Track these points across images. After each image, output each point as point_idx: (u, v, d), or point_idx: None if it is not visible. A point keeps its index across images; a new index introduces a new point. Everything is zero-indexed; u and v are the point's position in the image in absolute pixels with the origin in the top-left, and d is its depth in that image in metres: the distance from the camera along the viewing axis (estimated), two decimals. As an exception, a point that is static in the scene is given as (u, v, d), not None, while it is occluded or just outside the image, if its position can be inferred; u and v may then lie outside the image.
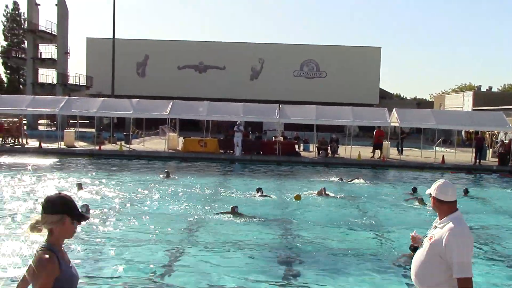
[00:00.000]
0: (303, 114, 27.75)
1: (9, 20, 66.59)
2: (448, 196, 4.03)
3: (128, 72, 52.13)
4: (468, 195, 16.17)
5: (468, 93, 53.26)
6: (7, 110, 29.19)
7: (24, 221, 10.62)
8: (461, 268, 3.80)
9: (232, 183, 17.77)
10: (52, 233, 3.18)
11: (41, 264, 3.05)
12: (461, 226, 3.94)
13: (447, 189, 4.05)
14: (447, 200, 4.03)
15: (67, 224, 3.17)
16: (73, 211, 3.20)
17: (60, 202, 3.19)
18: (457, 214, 4.02)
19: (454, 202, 4.05)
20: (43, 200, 3.19)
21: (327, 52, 54.46)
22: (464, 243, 3.89)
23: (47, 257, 3.07)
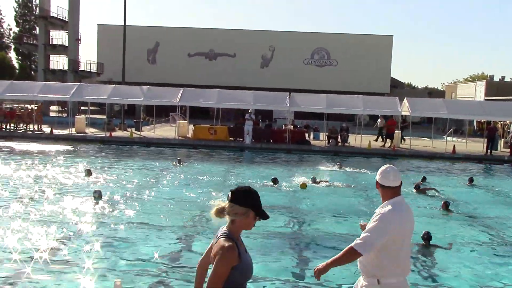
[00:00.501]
0: (314, 103, 27.65)
1: (21, 6, 66.84)
2: (390, 181, 4.06)
3: (139, 59, 52.18)
4: (476, 185, 16.14)
5: (480, 82, 52.68)
6: (19, 96, 29.38)
7: (36, 206, 10.76)
8: (360, 241, 3.88)
9: (241, 171, 17.81)
10: (233, 222, 3.30)
11: (223, 251, 3.16)
12: (393, 211, 3.95)
13: (389, 175, 4.07)
14: (389, 185, 4.06)
15: (250, 218, 3.29)
16: (259, 208, 3.31)
17: (250, 196, 3.30)
18: (397, 199, 4.03)
19: (396, 187, 4.07)
20: (233, 190, 3.32)
21: (338, 41, 54.05)
22: (379, 225, 3.91)
23: (229, 245, 3.19)
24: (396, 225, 3.93)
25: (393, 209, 3.96)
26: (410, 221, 4.10)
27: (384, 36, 54.83)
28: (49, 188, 12.87)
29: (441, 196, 13.86)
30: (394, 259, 3.99)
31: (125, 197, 12.22)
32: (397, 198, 4.05)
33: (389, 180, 4.07)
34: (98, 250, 8.11)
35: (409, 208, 4.14)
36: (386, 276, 3.99)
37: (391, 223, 3.92)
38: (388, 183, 4.07)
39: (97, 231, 9.22)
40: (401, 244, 4.00)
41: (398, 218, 3.96)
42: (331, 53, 54.16)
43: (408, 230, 4.08)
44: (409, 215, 4.09)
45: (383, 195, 4.12)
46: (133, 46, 45.99)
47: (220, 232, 3.33)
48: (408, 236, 4.09)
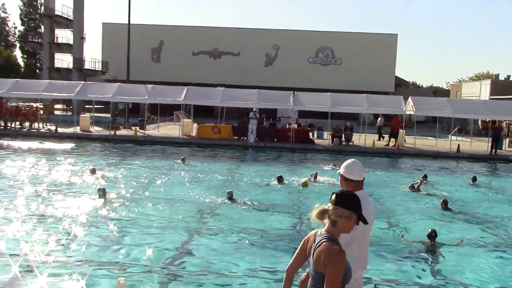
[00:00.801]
0: (318, 102, 27.63)
1: (26, 5, 67.05)
2: (354, 175, 4.10)
3: (143, 58, 52.32)
4: (479, 184, 16.13)
5: (485, 81, 52.51)
6: (24, 95, 29.50)
7: (40, 204, 10.81)
8: None
9: (245, 170, 17.83)
10: (335, 225, 3.33)
11: (335, 255, 3.19)
12: (363, 204, 3.84)
13: (354, 168, 4.11)
14: (353, 179, 4.10)
15: (352, 221, 3.34)
16: (360, 212, 3.35)
17: (355, 200, 3.36)
18: (361, 192, 4.04)
19: (360, 181, 4.12)
20: (338, 193, 3.36)
21: (343, 39, 53.98)
22: None
23: (339, 248, 3.23)
24: (368, 218, 3.93)
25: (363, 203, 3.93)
26: (373, 216, 4.14)
27: (389, 34, 54.71)
28: (53, 186, 12.94)
29: (440, 195, 13.88)
30: (362, 251, 4.04)
31: (129, 195, 12.27)
32: (361, 191, 4.07)
33: (353, 174, 4.11)
34: (102, 248, 8.15)
35: (371, 203, 4.17)
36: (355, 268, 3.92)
37: (365, 215, 3.92)
38: (353, 176, 4.10)
39: (101, 229, 9.26)
40: (365, 237, 4.04)
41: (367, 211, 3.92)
42: (336, 51, 54.10)
43: (370, 224, 4.09)
44: (372, 209, 4.12)
45: (346, 189, 4.11)
46: (137, 45, 46.14)
47: (319, 236, 3.36)
48: (369, 230, 4.10)
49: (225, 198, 12.02)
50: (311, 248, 3.39)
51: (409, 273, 7.75)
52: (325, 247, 3.22)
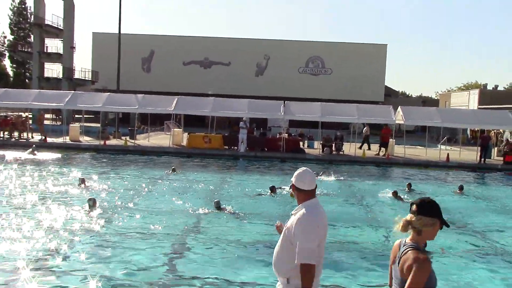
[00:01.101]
0: (308, 111, 27.71)
1: (15, 14, 66.82)
2: (305, 184, 4.09)
3: (134, 67, 52.25)
4: (465, 193, 16.26)
5: (474, 91, 53.01)
6: (13, 104, 29.29)
7: (29, 215, 10.70)
8: (303, 254, 3.84)
9: (237, 180, 17.80)
10: (419, 234, 3.38)
11: (419, 263, 3.24)
12: (312, 213, 3.99)
13: (305, 177, 4.11)
14: (303, 188, 4.09)
15: (437, 227, 3.38)
16: (442, 217, 3.40)
17: (436, 206, 3.40)
18: (312, 201, 4.07)
19: (311, 190, 4.11)
20: (417, 202, 3.42)
21: (333, 49, 54.33)
22: (309, 230, 3.92)
23: (424, 257, 3.28)
24: (322, 228, 4.02)
25: (312, 212, 4.01)
26: (326, 224, 4.15)
27: (378, 45, 55.17)
28: (42, 196, 12.82)
29: None
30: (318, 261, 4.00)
31: (119, 205, 12.19)
32: (312, 200, 4.09)
33: (304, 183, 4.10)
34: (92, 259, 8.08)
35: (324, 211, 4.18)
36: (296, 277, 3.97)
37: (318, 225, 3.98)
38: (303, 186, 4.10)
39: (91, 239, 9.18)
40: (322, 245, 4.04)
41: (317, 220, 4.01)
42: (326, 61, 54.41)
43: (326, 234, 4.12)
44: (325, 217, 4.14)
45: (298, 198, 4.16)
46: (128, 55, 46.09)
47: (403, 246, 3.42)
48: (325, 239, 4.11)
49: (214, 208, 11.98)
50: (395, 257, 3.48)
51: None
52: (410, 255, 3.30)
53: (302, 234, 3.91)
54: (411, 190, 15.98)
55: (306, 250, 3.86)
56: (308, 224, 3.94)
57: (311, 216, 3.97)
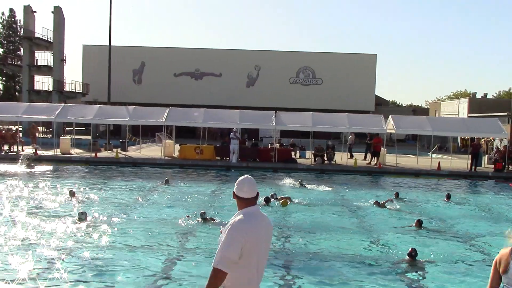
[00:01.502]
0: (299, 121, 27.78)
1: (5, 28, 66.57)
2: (243, 192, 4.10)
3: (124, 79, 52.16)
4: (459, 201, 16.36)
5: (463, 100, 53.51)
6: (3, 117, 29.08)
7: (18, 228, 10.59)
8: (217, 258, 3.83)
9: (228, 190, 17.74)
10: None
11: None
12: (243, 221, 3.96)
13: (243, 186, 4.12)
14: (242, 196, 4.10)
15: None
16: None
17: None
18: (250, 209, 4.07)
19: (250, 198, 4.10)
20: None
21: (323, 59, 54.63)
22: (233, 237, 3.88)
23: None
24: (246, 236, 3.90)
25: (243, 219, 3.98)
26: (265, 232, 4.10)
27: (368, 55, 55.55)
28: (32, 209, 12.71)
29: (416, 212, 14.16)
30: (247, 269, 3.96)
31: (110, 218, 12.09)
32: (250, 208, 4.08)
33: (242, 191, 4.11)
34: (82, 272, 8.00)
35: (265, 219, 4.16)
36: (232, 285, 3.95)
37: (241, 233, 3.90)
38: (242, 194, 4.11)
39: (82, 252, 9.09)
40: (251, 254, 3.95)
41: (247, 228, 3.95)
42: (316, 72, 54.66)
43: (261, 241, 4.05)
44: (263, 225, 4.09)
45: (238, 205, 4.16)
46: (118, 66, 46.05)
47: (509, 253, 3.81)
48: (261, 246, 4.04)
49: (203, 218, 11.92)
50: (508, 264, 3.80)
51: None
52: None
53: (225, 240, 3.90)
54: (399, 199, 16.14)
55: (222, 256, 3.83)
56: (234, 231, 3.91)
57: (241, 224, 3.94)
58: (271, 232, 4.21)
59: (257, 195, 4.15)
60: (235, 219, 4.01)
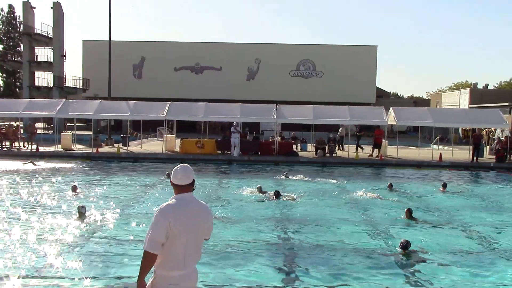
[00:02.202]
0: (300, 114, 27.76)
1: (4, 24, 66.55)
2: (177, 179, 4.34)
3: (125, 74, 52.14)
4: (449, 191, 16.49)
5: (464, 90, 53.35)
6: (4, 114, 29.10)
7: (20, 224, 10.62)
8: (145, 241, 4.14)
9: (230, 184, 17.77)
10: None
11: None
12: (170, 206, 4.24)
13: (178, 173, 4.35)
14: (176, 183, 4.35)
15: None
16: None
17: None
18: (182, 195, 4.31)
19: (183, 185, 4.33)
20: None
21: (324, 52, 54.52)
22: (158, 220, 4.16)
23: None
24: (171, 219, 4.14)
25: (171, 204, 4.25)
26: (195, 218, 4.27)
27: (369, 46, 55.42)
28: (34, 205, 12.74)
29: (409, 202, 14.25)
30: (173, 252, 4.17)
31: (111, 212, 12.10)
32: (183, 194, 4.32)
33: (176, 178, 4.34)
34: (82, 266, 8.00)
35: (199, 206, 4.37)
36: (160, 267, 4.18)
37: (166, 217, 4.15)
38: (176, 181, 4.34)
39: (82, 247, 9.11)
40: (176, 238, 4.15)
41: (173, 212, 4.19)
42: (317, 64, 54.57)
43: (189, 226, 4.22)
44: (193, 211, 4.29)
45: (174, 192, 4.40)
46: (118, 61, 46.01)
47: None
48: (188, 231, 4.21)
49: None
50: None
51: (382, 283, 7.77)
52: None
53: (152, 224, 4.18)
54: (392, 190, 16.37)
55: (148, 239, 4.12)
56: (159, 214, 4.19)
57: (167, 209, 4.20)
58: (206, 219, 4.40)
59: (192, 182, 4.36)
60: (163, 204, 4.27)
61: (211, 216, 4.50)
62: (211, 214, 4.49)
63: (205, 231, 4.43)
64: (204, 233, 4.42)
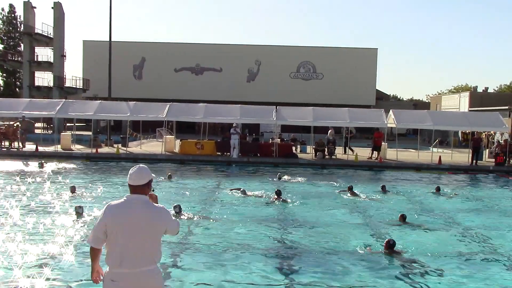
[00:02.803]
0: (300, 116, 27.75)
1: (5, 23, 66.51)
2: (130, 179, 4.44)
3: (125, 75, 52.16)
4: (442, 194, 16.54)
5: (464, 94, 53.42)
6: (4, 114, 29.09)
7: (18, 225, 10.61)
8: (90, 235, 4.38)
9: (229, 185, 17.74)
10: None
11: None
12: (113, 205, 4.36)
13: (131, 174, 4.45)
14: (128, 183, 4.45)
15: None
16: None
17: None
18: (132, 196, 4.39)
19: (135, 186, 4.41)
20: None
21: (324, 54, 54.56)
22: (99, 218, 4.36)
23: None
24: (108, 220, 4.27)
25: (114, 204, 4.37)
26: (136, 219, 4.28)
27: (369, 49, 55.48)
28: (32, 205, 12.73)
29: (405, 206, 14.31)
30: (112, 249, 4.28)
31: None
32: (132, 195, 4.39)
33: (129, 179, 4.44)
34: (81, 267, 7.99)
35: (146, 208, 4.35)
36: (106, 263, 4.31)
37: (106, 215, 4.31)
38: (129, 181, 4.44)
39: (80, 248, 9.10)
40: (113, 236, 4.25)
41: (112, 212, 4.30)
42: (317, 66, 54.61)
43: (128, 227, 4.25)
44: (136, 212, 4.30)
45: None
46: (119, 62, 46.01)
47: None
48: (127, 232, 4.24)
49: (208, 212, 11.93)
50: None
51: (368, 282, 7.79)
52: None
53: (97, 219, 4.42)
54: (386, 192, 16.45)
55: (91, 234, 4.36)
56: (102, 212, 4.37)
57: (108, 208, 4.34)
58: (152, 221, 4.34)
59: (147, 184, 4.42)
60: (110, 202, 4.41)
61: (164, 217, 4.43)
62: (163, 216, 4.42)
63: (153, 233, 4.36)
64: (152, 235, 4.35)
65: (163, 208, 4.50)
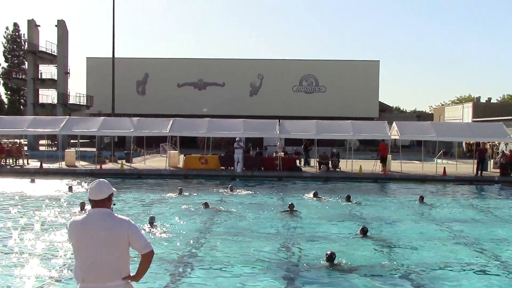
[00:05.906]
0: (303, 129, 27.75)
1: (9, 42, 67.12)
2: (90, 194, 4.45)
3: (128, 91, 52.38)
4: (426, 203, 16.59)
5: (467, 104, 53.37)
6: (8, 131, 29.21)
7: (23, 240, 10.60)
8: None
9: (233, 199, 17.70)
10: None
11: None
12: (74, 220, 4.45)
13: (91, 189, 4.47)
14: (89, 198, 4.46)
15: None
16: None
17: None
18: (91, 210, 4.42)
19: (95, 200, 4.42)
20: None
21: (326, 67, 54.72)
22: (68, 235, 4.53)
23: None
24: (70, 231, 4.40)
25: (75, 219, 4.45)
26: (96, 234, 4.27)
27: (371, 61, 55.62)
28: (40, 221, 12.73)
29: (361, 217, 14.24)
30: (76, 264, 4.36)
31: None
32: (94, 209, 4.41)
33: (89, 194, 4.46)
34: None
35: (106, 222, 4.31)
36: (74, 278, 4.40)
37: (70, 231, 4.43)
38: (89, 196, 4.46)
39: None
40: (76, 249, 4.35)
41: (72, 226, 4.40)
42: (319, 79, 54.74)
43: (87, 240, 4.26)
44: (95, 227, 4.29)
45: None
46: (122, 78, 46.21)
47: None
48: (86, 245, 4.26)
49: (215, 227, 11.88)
50: None
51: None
52: None
53: None
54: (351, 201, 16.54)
55: None
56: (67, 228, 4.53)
57: (70, 222, 4.44)
58: (113, 232, 4.30)
59: (107, 198, 4.44)
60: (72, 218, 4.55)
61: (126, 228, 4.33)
62: (124, 227, 4.34)
63: (116, 245, 4.29)
64: (115, 248, 4.29)
65: (127, 219, 4.42)
